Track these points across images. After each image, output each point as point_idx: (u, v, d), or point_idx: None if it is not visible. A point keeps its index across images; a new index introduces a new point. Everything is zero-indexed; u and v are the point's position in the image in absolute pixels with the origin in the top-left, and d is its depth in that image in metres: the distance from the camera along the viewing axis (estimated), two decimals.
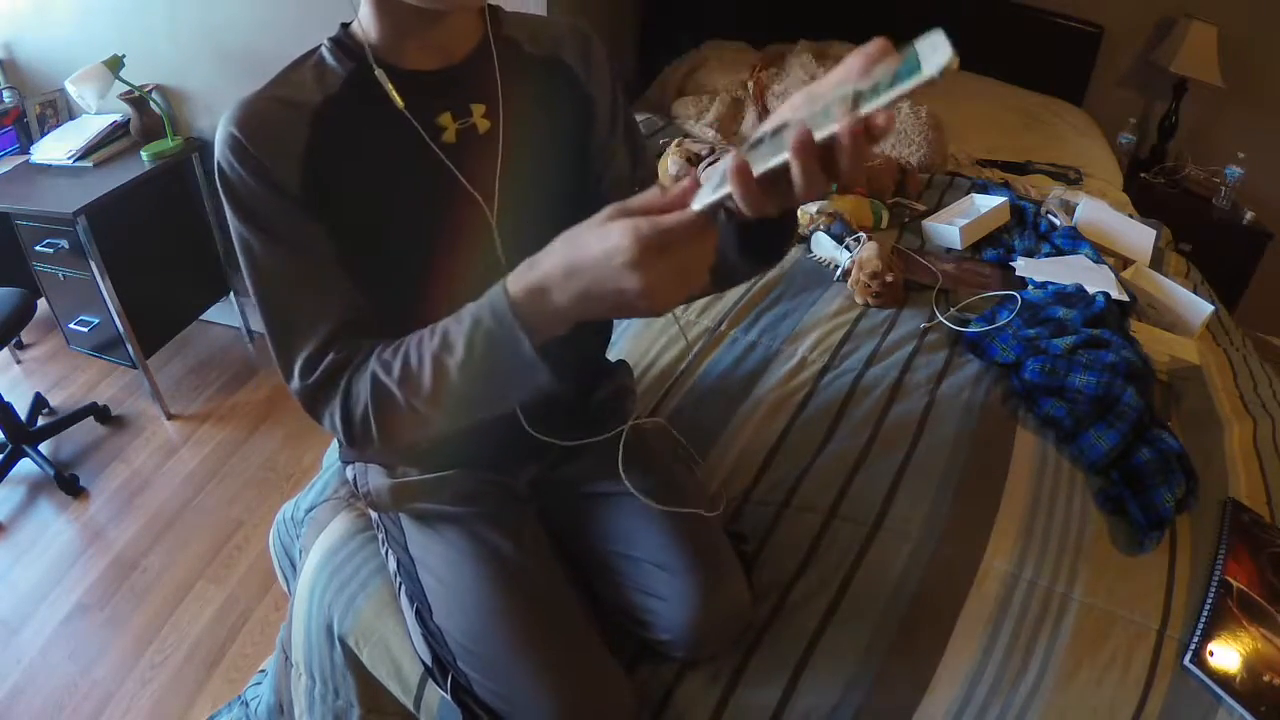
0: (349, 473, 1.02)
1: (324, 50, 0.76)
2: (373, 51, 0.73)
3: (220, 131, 0.70)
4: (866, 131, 0.46)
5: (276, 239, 0.71)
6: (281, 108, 0.72)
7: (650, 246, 0.52)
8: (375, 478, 0.95)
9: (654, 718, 0.89)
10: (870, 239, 1.55)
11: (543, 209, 0.80)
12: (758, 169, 0.50)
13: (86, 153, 2.10)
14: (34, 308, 1.96)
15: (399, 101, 0.73)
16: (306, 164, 0.71)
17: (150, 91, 2.12)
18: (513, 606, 0.85)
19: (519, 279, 0.59)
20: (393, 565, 0.96)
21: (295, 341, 0.71)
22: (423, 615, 0.89)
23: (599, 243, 0.54)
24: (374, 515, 1.02)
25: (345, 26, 0.77)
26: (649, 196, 0.56)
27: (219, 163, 0.70)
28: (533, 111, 0.82)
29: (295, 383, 0.71)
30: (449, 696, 0.86)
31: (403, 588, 0.94)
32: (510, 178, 0.79)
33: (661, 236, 0.52)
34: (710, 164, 2.13)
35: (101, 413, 2.21)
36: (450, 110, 0.77)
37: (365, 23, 0.74)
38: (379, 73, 0.72)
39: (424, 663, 0.90)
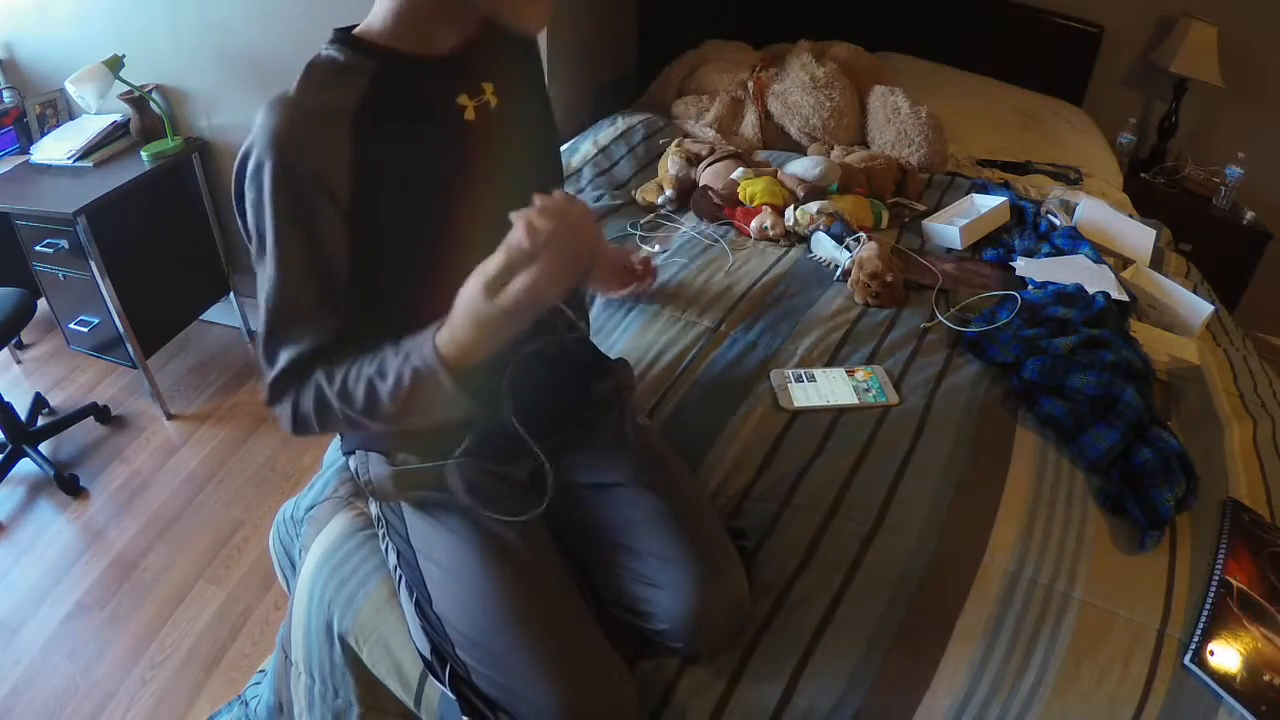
0: (351, 463, 1.03)
1: (334, 52, 0.76)
2: (393, 46, 0.77)
3: (262, 140, 0.69)
4: None
5: (302, 250, 0.73)
6: (323, 114, 0.72)
7: (492, 279, 0.63)
8: (376, 466, 0.95)
9: (655, 713, 0.90)
10: (870, 239, 1.55)
11: (549, 175, 0.90)
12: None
13: (86, 153, 2.10)
14: (34, 308, 1.96)
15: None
16: (357, 170, 0.73)
17: (150, 91, 2.12)
18: (514, 596, 0.85)
19: (442, 330, 0.68)
20: (393, 559, 0.97)
21: (284, 344, 0.75)
22: (422, 605, 0.89)
23: (466, 290, 0.66)
24: (374, 509, 1.02)
25: (346, 30, 0.78)
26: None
27: (254, 170, 0.70)
28: (523, 86, 0.89)
29: (269, 375, 0.77)
30: (447, 687, 0.86)
31: (402, 580, 0.94)
32: (526, 147, 0.87)
33: (499, 267, 0.63)
34: (710, 164, 2.12)
35: (101, 413, 2.21)
36: (465, 91, 0.81)
37: (384, 21, 0.76)
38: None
39: (422, 654, 0.90)
